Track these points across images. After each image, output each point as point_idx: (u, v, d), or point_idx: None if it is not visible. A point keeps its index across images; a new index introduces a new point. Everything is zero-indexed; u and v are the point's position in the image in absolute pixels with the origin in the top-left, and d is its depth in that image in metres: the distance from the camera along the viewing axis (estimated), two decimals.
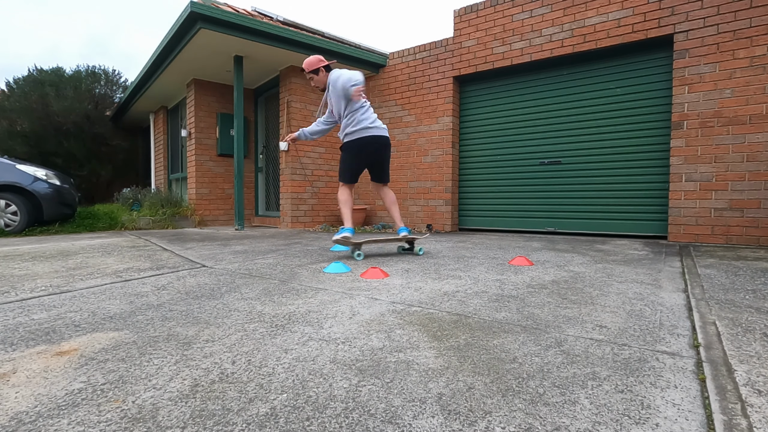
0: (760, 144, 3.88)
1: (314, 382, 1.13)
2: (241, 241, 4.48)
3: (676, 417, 0.95)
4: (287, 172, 6.34)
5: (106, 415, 0.96)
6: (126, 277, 2.58)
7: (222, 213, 7.35)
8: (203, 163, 7.14)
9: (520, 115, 5.50)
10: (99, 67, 11.27)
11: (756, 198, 3.90)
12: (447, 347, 1.38)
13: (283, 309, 1.84)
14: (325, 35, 6.60)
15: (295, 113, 6.32)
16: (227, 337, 1.48)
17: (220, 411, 0.98)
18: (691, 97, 4.20)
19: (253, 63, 6.24)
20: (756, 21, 3.88)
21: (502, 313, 1.75)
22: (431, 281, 2.41)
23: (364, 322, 1.65)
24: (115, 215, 6.63)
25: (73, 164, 10.20)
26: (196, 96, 7.05)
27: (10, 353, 1.34)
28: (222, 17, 4.99)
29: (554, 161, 5.21)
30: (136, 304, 1.93)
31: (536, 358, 1.28)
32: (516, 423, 0.93)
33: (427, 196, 6.15)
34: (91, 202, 9.97)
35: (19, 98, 10.00)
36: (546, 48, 5.05)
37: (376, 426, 0.92)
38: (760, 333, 1.48)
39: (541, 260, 3.13)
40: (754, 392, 1.05)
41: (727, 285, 2.22)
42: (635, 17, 4.49)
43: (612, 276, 2.51)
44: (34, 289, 2.25)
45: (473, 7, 5.63)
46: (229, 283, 2.38)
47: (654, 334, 1.48)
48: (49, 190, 5.32)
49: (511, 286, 2.26)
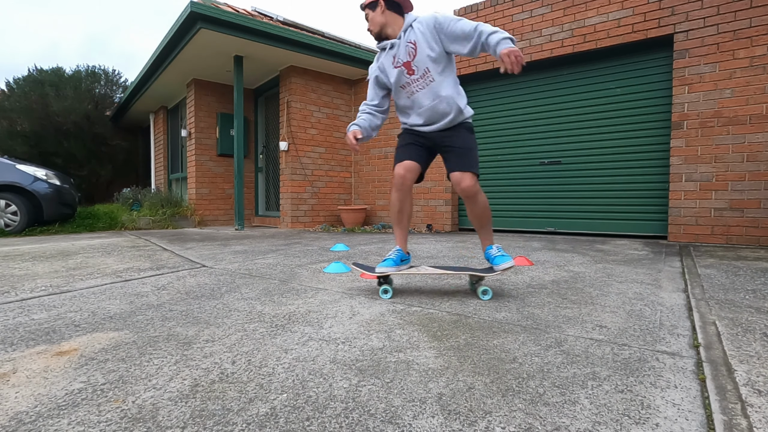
0: (760, 144, 3.88)
1: (314, 382, 1.13)
2: (241, 241, 4.47)
3: (676, 417, 0.95)
4: (287, 172, 6.34)
5: (106, 415, 0.96)
6: (126, 277, 2.58)
7: (222, 213, 7.35)
8: (203, 163, 7.14)
9: (520, 115, 5.49)
10: (99, 67, 11.28)
11: (756, 198, 3.90)
12: (447, 347, 1.38)
13: (283, 309, 1.84)
14: (325, 35, 6.60)
15: (295, 113, 6.32)
16: (227, 337, 1.48)
17: (220, 411, 0.98)
18: (691, 97, 4.20)
19: (253, 63, 6.24)
20: (756, 21, 3.88)
21: (502, 313, 1.75)
22: (431, 281, 2.41)
23: (364, 322, 1.65)
24: (115, 215, 6.63)
25: (73, 164, 10.20)
26: (196, 96, 7.05)
27: (10, 353, 1.34)
28: (222, 17, 4.99)
29: (554, 161, 5.21)
30: (136, 304, 1.93)
31: (536, 358, 1.28)
32: (516, 423, 0.93)
33: (427, 196, 6.15)
34: (91, 202, 9.96)
35: (19, 98, 10.00)
36: (546, 48, 5.05)
37: (376, 426, 0.92)
38: (760, 333, 1.48)
39: (541, 260, 3.13)
40: (754, 392, 1.05)
41: (727, 285, 2.22)
42: (635, 17, 4.49)
43: (612, 276, 2.51)
44: (34, 289, 2.25)
45: (473, 7, 5.63)
46: (229, 283, 2.37)
47: (654, 334, 1.48)
48: (49, 190, 5.32)
49: (511, 286, 2.26)
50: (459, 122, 2.11)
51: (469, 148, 2.10)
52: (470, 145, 2.10)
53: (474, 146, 2.12)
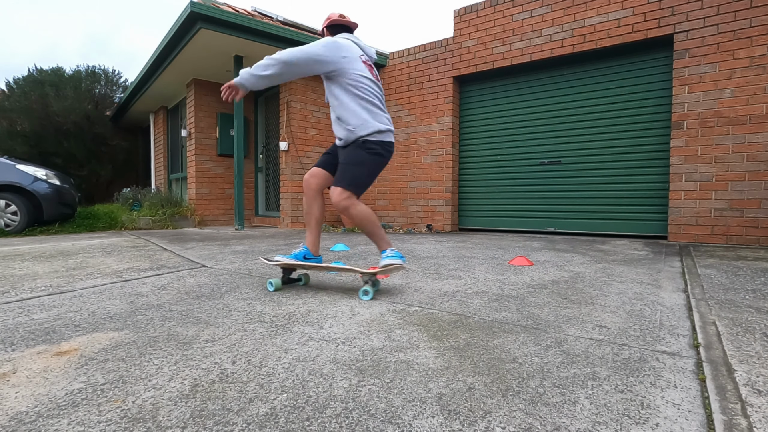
0: (760, 144, 3.88)
1: (314, 382, 1.13)
2: (241, 241, 4.47)
3: (676, 417, 0.95)
4: (287, 172, 6.34)
5: (106, 415, 0.96)
6: (126, 277, 2.58)
7: (222, 213, 7.35)
8: (203, 163, 7.14)
9: (520, 115, 5.49)
10: (99, 67, 11.27)
11: (756, 198, 3.90)
12: (447, 347, 1.38)
13: (283, 309, 1.84)
14: None
15: (295, 113, 6.32)
16: (227, 337, 1.48)
17: (220, 411, 0.98)
18: (691, 97, 4.20)
19: (253, 63, 6.22)
20: (756, 21, 3.88)
21: (502, 313, 1.75)
22: (431, 281, 2.41)
23: (364, 321, 1.65)
24: (115, 215, 6.63)
25: (73, 164, 10.20)
26: (196, 96, 7.05)
27: (10, 353, 1.34)
28: (222, 17, 4.99)
29: (554, 161, 5.21)
30: (136, 304, 1.93)
31: (536, 358, 1.28)
32: (516, 423, 0.93)
33: (427, 196, 6.15)
34: (91, 202, 9.96)
35: (19, 98, 10.00)
36: (546, 48, 5.05)
37: (376, 426, 0.92)
38: (760, 333, 1.48)
39: (541, 260, 3.13)
40: (754, 392, 1.05)
41: (727, 285, 2.22)
42: (635, 17, 4.49)
43: (612, 276, 2.51)
44: (34, 289, 2.25)
45: (473, 7, 5.63)
46: (229, 283, 2.37)
47: (654, 334, 1.48)
48: (49, 190, 5.32)
49: (511, 286, 2.26)
50: (352, 140, 2.16)
51: (347, 163, 2.17)
52: (349, 161, 2.16)
53: (355, 162, 2.15)
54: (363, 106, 2.14)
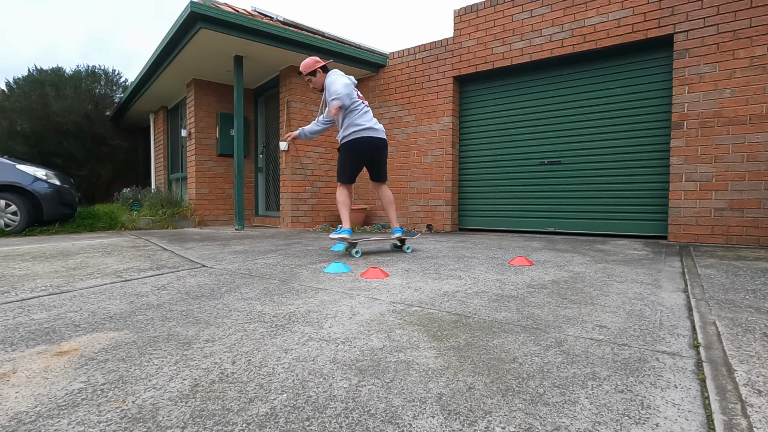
0: (760, 144, 3.88)
1: (314, 382, 1.13)
2: (241, 241, 4.48)
3: (676, 417, 0.95)
4: (287, 172, 6.34)
5: (106, 415, 0.96)
6: (126, 277, 2.58)
7: (222, 213, 7.35)
8: (203, 163, 7.14)
9: (520, 115, 5.50)
10: (99, 67, 11.27)
11: (756, 198, 3.90)
12: (447, 347, 1.38)
13: (283, 309, 1.84)
14: (325, 35, 6.60)
15: (295, 113, 6.32)
16: (227, 337, 1.48)
17: (220, 411, 0.98)
18: (691, 97, 4.20)
19: (253, 63, 6.24)
20: (756, 21, 3.88)
21: (502, 313, 1.75)
22: (431, 281, 2.41)
23: (364, 322, 1.65)
24: (115, 215, 6.63)
25: (73, 164, 10.20)
26: (196, 96, 7.05)
27: (10, 353, 1.34)
28: (222, 17, 4.99)
29: (554, 161, 5.21)
30: (136, 304, 1.93)
31: (536, 358, 1.28)
32: (516, 423, 0.93)
33: (427, 196, 6.15)
34: (91, 202, 9.96)
35: (19, 98, 10.00)
36: (546, 48, 5.05)
37: (376, 426, 0.92)
38: (760, 333, 1.48)
39: (541, 260, 3.13)
40: (754, 392, 1.05)
41: (727, 285, 2.22)
42: (635, 17, 4.49)
43: (612, 276, 2.51)
44: (34, 289, 2.25)
45: (473, 7, 5.63)
46: (229, 283, 2.37)
47: (654, 334, 1.48)
48: (49, 190, 5.32)
49: (511, 286, 2.26)
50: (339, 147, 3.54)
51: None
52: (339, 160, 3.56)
53: (339, 161, 3.51)
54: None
